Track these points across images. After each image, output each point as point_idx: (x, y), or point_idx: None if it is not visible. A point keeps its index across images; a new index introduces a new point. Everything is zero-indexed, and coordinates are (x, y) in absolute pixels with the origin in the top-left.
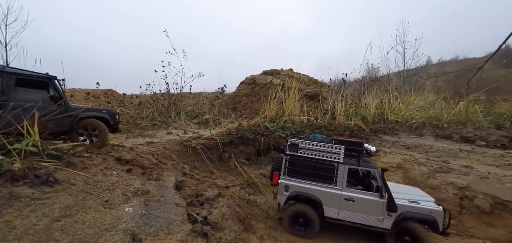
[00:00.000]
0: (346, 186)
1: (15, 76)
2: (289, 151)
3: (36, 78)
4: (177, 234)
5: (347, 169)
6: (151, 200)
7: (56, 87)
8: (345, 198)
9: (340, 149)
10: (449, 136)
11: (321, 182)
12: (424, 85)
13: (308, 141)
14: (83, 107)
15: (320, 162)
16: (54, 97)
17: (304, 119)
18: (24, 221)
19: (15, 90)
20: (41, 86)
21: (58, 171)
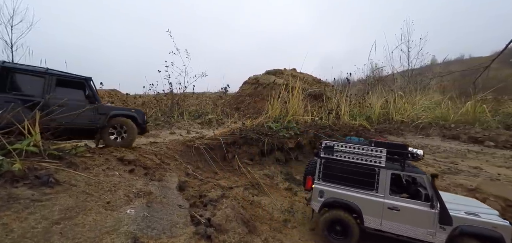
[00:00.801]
0: (389, 193)
1: (55, 77)
2: (323, 153)
3: (74, 79)
4: (180, 237)
5: (390, 174)
6: (154, 201)
7: (91, 88)
8: (389, 207)
9: (382, 152)
10: (456, 136)
11: (360, 188)
12: (429, 85)
13: (345, 143)
14: (114, 107)
15: (358, 166)
16: (89, 97)
17: (308, 119)
18: (22, 224)
19: (56, 91)
20: (78, 86)
21: (59, 171)
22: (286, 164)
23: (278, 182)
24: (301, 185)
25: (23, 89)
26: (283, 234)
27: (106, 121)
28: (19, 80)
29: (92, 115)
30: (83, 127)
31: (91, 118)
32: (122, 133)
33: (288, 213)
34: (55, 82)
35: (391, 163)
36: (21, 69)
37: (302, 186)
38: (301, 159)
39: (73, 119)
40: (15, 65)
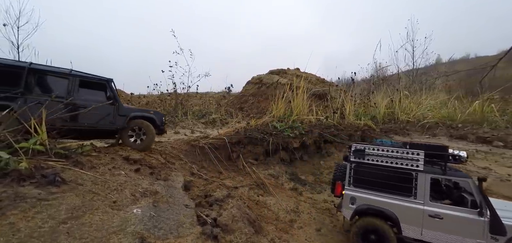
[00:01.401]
0: (429, 199)
1: (79, 78)
2: (354, 158)
3: (96, 81)
4: (187, 237)
5: (429, 178)
6: (160, 201)
7: (112, 89)
8: (430, 215)
9: (419, 155)
10: (464, 136)
11: (395, 194)
12: (435, 85)
13: (376, 146)
14: (134, 108)
15: (393, 170)
16: (110, 98)
17: (313, 119)
18: (29, 223)
19: (78, 91)
20: (99, 88)
21: (66, 170)
22: (291, 164)
23: (283, 182)
24: (305, 185)
25: (49, 90)
26: (289, 235)
27: (126, 122)
28: (45, 81)
29: (113, 117)
30: (104, 128)
31: (112, 119)
32: (141, 135)
33: (294, 213)
34: (78, 83)
35: (430, 167)
36: (46, 71)
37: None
38: (306, 159)
39: (97, 121)
40: (41, 66)
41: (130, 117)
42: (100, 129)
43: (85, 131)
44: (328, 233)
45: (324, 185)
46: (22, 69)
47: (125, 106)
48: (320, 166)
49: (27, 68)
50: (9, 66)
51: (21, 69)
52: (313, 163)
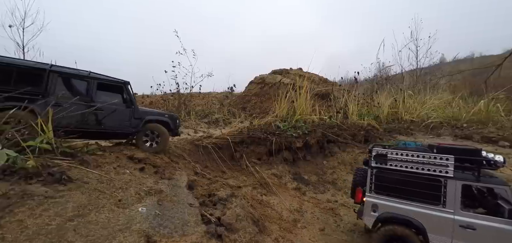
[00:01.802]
0: (460, 208)
1: (97, 80)
2: (375, 163)
3: (113, 83)
4: (192, 236)
5: (460, 185)
6: (165, 199)
7: (129, 92)
8: (461, 225)
9: (448, 160)
10: (469, 136)
11: (422, 202)
12: (439, 84)
13: (400, 150)
14: (149, 111)
15: (419, 176)
16: (127, 100)
17: (316, 118)
18: (36, 221)
19: (97, 93)
20: (117, 90)
21: (72, 169)
22: (294, 164)
23: (286, 182)
24: (308, 185)
25: (69, 91)
26: (293, 234)
27: (141, 126)
28: (66, 83)
29: (129, 119)
30: (120, 130)
31: (128, 122)
32: (155, 139)
33: (297, 213)
34: (96, 85)
35: (461, 172)
36: (66, 73)
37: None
38: (309, 159)
39: (114, 123)
40: (62, 68)
41: (145, 121)
42: (116, 131)
43: (101, 132)
44: (331, 232)
45: (328, 184)
46: (43, 71)
47: (140, 109)
48: (323, 166)
49: (48, 70)
50: (31, 68)
51: (42, 71)
52: (316, 163)
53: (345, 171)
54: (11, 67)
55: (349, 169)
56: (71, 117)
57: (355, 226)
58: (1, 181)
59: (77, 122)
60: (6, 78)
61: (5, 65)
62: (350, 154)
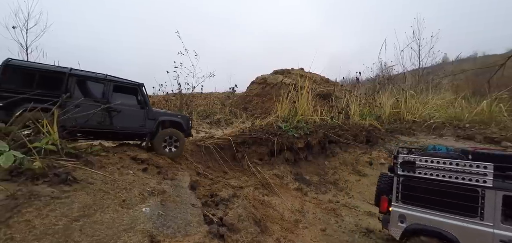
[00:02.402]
0: (500, 221)
1: (113, 83)
2: (402, 170)
3: (128, 85)
4: (195, 236)
5: (501, 196)
6: (168, 200)
7: (143, 93)
8: (502, 240)
9: (486, 168)
10: (471, 136)
11: (456, 214)
12: (441, 84)
13: (429, 157)
14: (162, 112)
15: (453, 185)
16: (141, 102)
17: (318, 119)
18: (43, 221)
19: (113, 95)
20: (131, 92)
21: (77, 169)
22: (295, 164)
23: (288, 182)
24: (310, 185)
25: (86, 94)
26: (294, 235)
27: (155, 126)
28: (83, 85)
29: (143, 121)
30: (134, 131)
31: (142, 123)
32: (173, 144)
33: (299, 213)
34: (112, 87)
35: (501, 181)
36: (84, 76)
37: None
38: (311, 159)
39: (128, 124)
40: (80, 71)
41: (159, 121)
42: (131, 132)
43: (116, 133)
44: (333, 233)
45: (329, 185)
46: (64, 74)
47: (154, 110)
48: (325, 166)
49: (68, 74)
50: (52, 71)
51: (63, 75)
52: (317, 163)
53: (347, 171)
54: (34, 71)
55: (350, 170)
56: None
57: (356, 226)
58: (8, 181)
59: (93, 122)
60: (28, 81)
61: (28, 69)
62: (352, 155)
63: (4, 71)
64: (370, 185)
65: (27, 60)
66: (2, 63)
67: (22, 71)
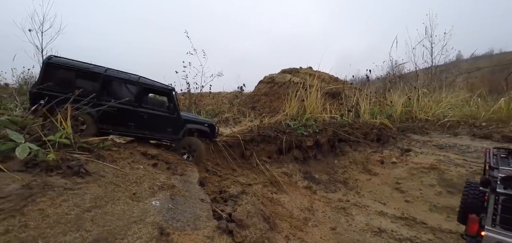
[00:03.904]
0: None
1: (145, 85)
2: (504, 187)
3: (160, 89)
4: (204, 230)
5: None
6: (177, 194)
7: (174, 98)
8: None
9: None
10: (488, 135)
11: None
12: (455, 82)
13: None
14: (190, 118)
15: None
16: (170, 107)
17: (327, 117)
18: (56, 210)
19: (145, 99)
20: (163, 95)
21: (89, 163)
22: (304, 163)
23: (297, 180)
24: (319, 184)
25: (119, 95)
26: (304, 233)
27: (181, 134)
28: (117, 86)
29: (172, 126)
30: (162, 137)
31: (170, 129)
32: (192, 152)
33: (308, 211)
34: (145, 90)
35: None
36: (119, 77)
37: (460, 223)
38: (320, 158)
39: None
40: (115, 72)
41: (186, 128)
42: (158, 136)
43: (144, 136)
44: (343, 232)
45: (339, 184)
46: (99, 74)
47: (183, 116)
48: (334, 165)
49: (103, 74)
50: (88, 70)
51: (98, 74)
52: (327, 162)
53: (357, 170)
54: (72, 69)
55: (361, 168)
56: (117, 119)
57: (367, 226)
58: (24, 172)
59: (123, 123)
60: (67, 78)
61: (67, 66)
62: (362, 153)
63: (46, 68)
64: (381, 184)
65: (67, 58)
66: (44, 61)
67: (62, 69)
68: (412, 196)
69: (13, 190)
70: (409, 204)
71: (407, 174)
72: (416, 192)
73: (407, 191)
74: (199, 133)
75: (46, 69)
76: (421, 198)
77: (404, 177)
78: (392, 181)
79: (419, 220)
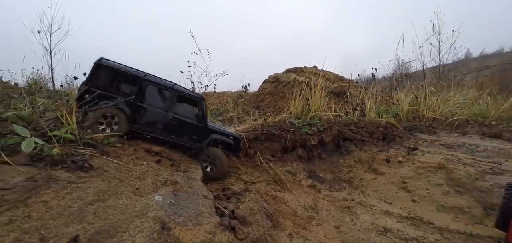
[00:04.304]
0: None
1: (178, 93)
2: None
3: (191, 97)
4: (206, 226)
5: None
6: (180, 190)
7: (203, 108)
8: None
9: None
10: (498, 134)
11: None
12: (463, 81)
13: None
14: (216, 129)
15: None
16: (199, 115)
17: (332, 116)
18: (60, 202)
19: (176, 105)
20: (192, 103)
21: (93, 158)
22: (309, 161)
23: (301, 179)
24: (323, 183)
25: (154, 99)
26: (307, 231)
27: (206, 143)
28: (153, 91)
29: (197, 135)
30: (187, 144)
31: (196, 137)
32: (213, 163)
33: (312, 210)
34: (177, 97)
35: None
36: (155, 82)
37: (498, 229)
38: (324, 157)
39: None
40: (153, 77)
41: (211, 138)
42: (183, 143)
43: (170, 141)
44: (348, 231)
45: (344, 183)
46: (139, 78)
47: (210, 126)
48: (339, 164)
49: (142, 78)
50: (130, 74)
51: (138, 78)
52: (332, 161)
53: (362, 169)
54: (116, 72)
55: (366, 168)
56: (148, 122)
57: (372, 225)
58: (29, 166)
59: (152, 127)
60: (111, 79)
61: (113, 69)
62: (368, 153)
63: (95, 69)
64: (387, 184)
65: (114, 61)
66: (95, 62)
67: (108, 70)
68: (419, 196)
69: (18, 182)
70: (416, 203)
71: (413, 173)
72: (423, 191)
73: (414, 190)
74: (223, 145)
75: (95, 69)
76: (428, 197)
77: (410, 176)
78: (398, 180)
79: (425, 219)
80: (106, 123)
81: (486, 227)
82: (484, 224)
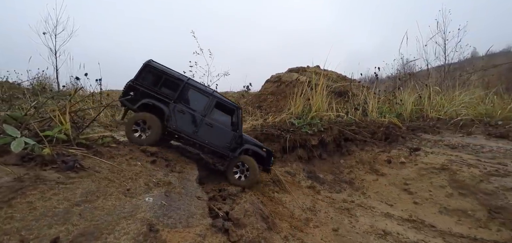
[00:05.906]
0: None
1: (216, 99)
2: None
3: (227, 105)
4: (196, 228)
5: None
6: (172, 191)
7: (238, 116)
8: None
9: None
10: (504, 134)
11: None
12: (469, 80)
13: None
14: (250, 140)
15: None
16: (234, 124)
17: (333, 115)
18: (45, 203)
19: (213, 111)
20: (228, 112)
21: (86, 158)
22: (309, 162)
23: (300, 180)
24: (323, 184)
25: (192, 103)
26: (304, 233)
27: (238, 152)
28: (192, 95)
29: (230, 143)
30: (220, 151)
31: (229, 145)
32: (245, 172)
33: (310, 212)
34: (214, 104)
35: None
36: (196, 87)
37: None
38: (325, 157)
39: (217, 142)
40: (194, 82)
41: (244, 148)
42: (215, 150)
43: (202, 146)
44: (346, 233)
45: (344, 184)
46: (182, 81)
47: (243, 137)
48: (340, 165)
49: (185, 82)
50: (174, 77)
51: (181, 82)
52: (332, 161)
53: (364, 170)
54: (161, 74)
55: (367, 169)
56: (185, 124)
57: (371, 227)
58: (18, 166)
59: (189, 130)
60: (156, 81)
61: (159, 71)
62: (369, 153)
63: (143, 69)
64: (389, 185)
65: (161, 64)
66: (144, 63)
67: (154, 72)
68: (421, 198)
69: (4, 182)
70: (418, 205)
71: (416, 174)
72: (425, 193)
73: (416, 192)
74: (255, 156)
75: (143, 69)
76: (430, 199)
77: (412, 178)
78: (400, 181)
79: (427, 222)
80: (140, 129)
81: (491, 231)
82: (488, 227)
